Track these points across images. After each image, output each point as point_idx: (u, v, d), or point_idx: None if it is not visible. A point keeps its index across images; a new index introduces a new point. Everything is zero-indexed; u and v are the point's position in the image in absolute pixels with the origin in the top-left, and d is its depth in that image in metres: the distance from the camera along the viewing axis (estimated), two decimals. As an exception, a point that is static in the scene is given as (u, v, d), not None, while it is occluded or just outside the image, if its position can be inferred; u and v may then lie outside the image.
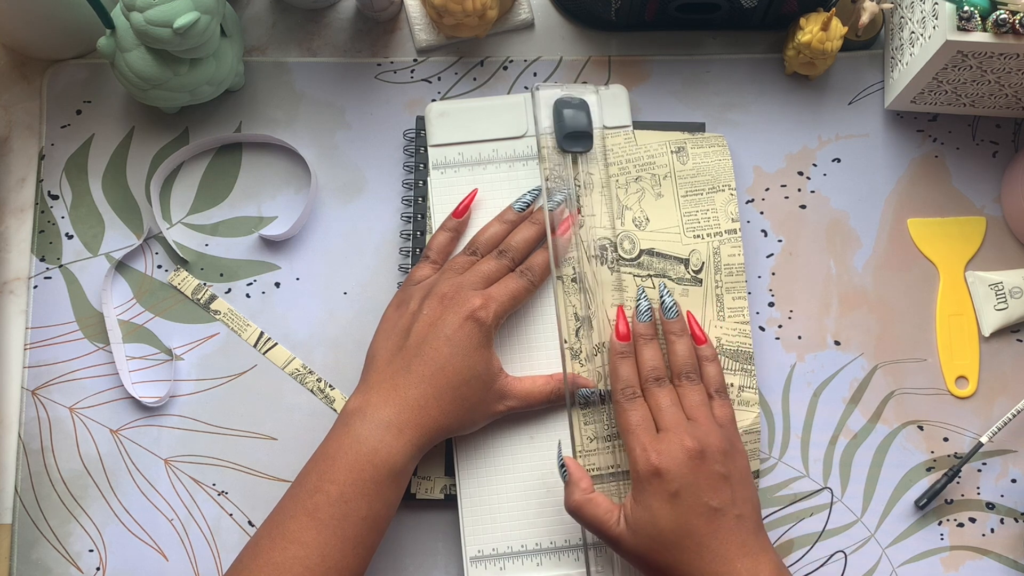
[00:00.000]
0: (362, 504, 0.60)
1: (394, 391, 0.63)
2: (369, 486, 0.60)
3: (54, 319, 0.73)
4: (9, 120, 0.77)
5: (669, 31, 0.78)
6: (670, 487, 0.60)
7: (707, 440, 0.62)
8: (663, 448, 0.62)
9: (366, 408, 0.62)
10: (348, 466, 0.60)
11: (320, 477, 0.61)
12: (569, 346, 0.70)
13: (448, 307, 0.64)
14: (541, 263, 0.69)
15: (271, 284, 0.74)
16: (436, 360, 0.63)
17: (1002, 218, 0.76)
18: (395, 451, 0.61)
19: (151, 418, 0.72)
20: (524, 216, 0.70)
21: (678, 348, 0.67)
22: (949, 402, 0.73)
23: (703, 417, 0.64)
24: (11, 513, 0.71)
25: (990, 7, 0.65)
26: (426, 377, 0.63)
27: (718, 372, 0.67)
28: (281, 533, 0.60)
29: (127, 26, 0.67)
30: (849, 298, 0.74)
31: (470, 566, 0.68)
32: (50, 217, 0.75)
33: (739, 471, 0.62)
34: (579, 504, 0.63)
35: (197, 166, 0.76)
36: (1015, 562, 0.71)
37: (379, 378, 0.64)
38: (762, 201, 0.76)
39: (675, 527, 0.60)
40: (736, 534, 0.60)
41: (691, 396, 0.65)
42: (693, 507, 0.60)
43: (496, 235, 0.69)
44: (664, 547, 0.60)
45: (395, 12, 0.78)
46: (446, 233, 0.70)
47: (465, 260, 0.68)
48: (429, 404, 0.63)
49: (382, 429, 0.61)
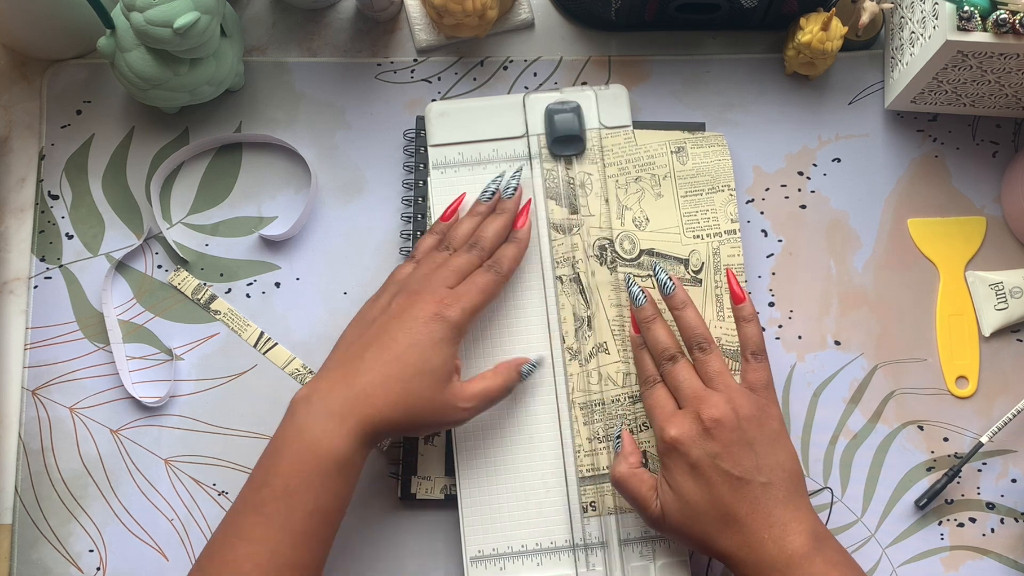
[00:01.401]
0: (308, 497, 0.58)
1: (343, 378, 0.61)
2: (314, 478, 0.58)
3: (54, 319, 0.73)
4: (9, 120, 0.77)
5: (669, 31, 0.78)
6: (688, 459, 0.60)
7: (725, 408, 0.61)
8: (677, 422, 0.61)
9: (312, 396, 0.60)
10: (291, 458, 0.59)
11: (266, 471, 0.59)
12: (568, 346, 0.70)
13: (415, 301, 0.63)
14: (509, 256, 0.68)
15: (271, 284, 0.74)
16: (391, 349, 0.61)
17: (1002, 218, 0.76)
18: (337, 440, 0.59)
19: (151, 418, 0.72)
20: (492, 206, 0.70)
21: (684, 321, 0.66)
22: (949, 402, 0.73)
23: (723, 384, 0.63)
24: (11, 513, 0.71)
25: (990, 7, 0.65)
26: (377, 365, 0.61)
27: (755, 332, 0.66)
28: (233, 531, 0.58)
29: (127, 26, 0.67)
30: (849, 298, 0.74)
31: (470, 566, 0.68)
32: (50, 217, 0.75)
33: (767, 436, 0.61)
34: (624, 477, 0.63)
35: (197, 166, 0.76)
36: (1015, 562, 0.71)
37: (332, 365, 0.63)
38: (762, 201, 0.76)
39: (700, 500, 0.60)
40: (763, 503, 0.59)
41: (708, 366, 0.64)
42: (714, 478, 0.59)
43: (469, 230, 0.69)
44: (694, 521, 0.60)
45: (395, 12, 0.78)
46: (433, 236, 0.69)
47: (439, 256, 0.67)
48: (375, 393, 0.60)
49: (324, 417, 0.59)
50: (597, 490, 0.68)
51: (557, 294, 0.71)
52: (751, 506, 0.59)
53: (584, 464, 0.68)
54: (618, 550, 0.68)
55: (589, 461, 0.69)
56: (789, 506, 0.59)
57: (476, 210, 0.70)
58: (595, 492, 0.68)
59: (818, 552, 0.59)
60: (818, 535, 0.59)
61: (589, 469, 0.68)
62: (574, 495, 0.68)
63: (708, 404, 0.61)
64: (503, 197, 0.70)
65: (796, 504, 0.60)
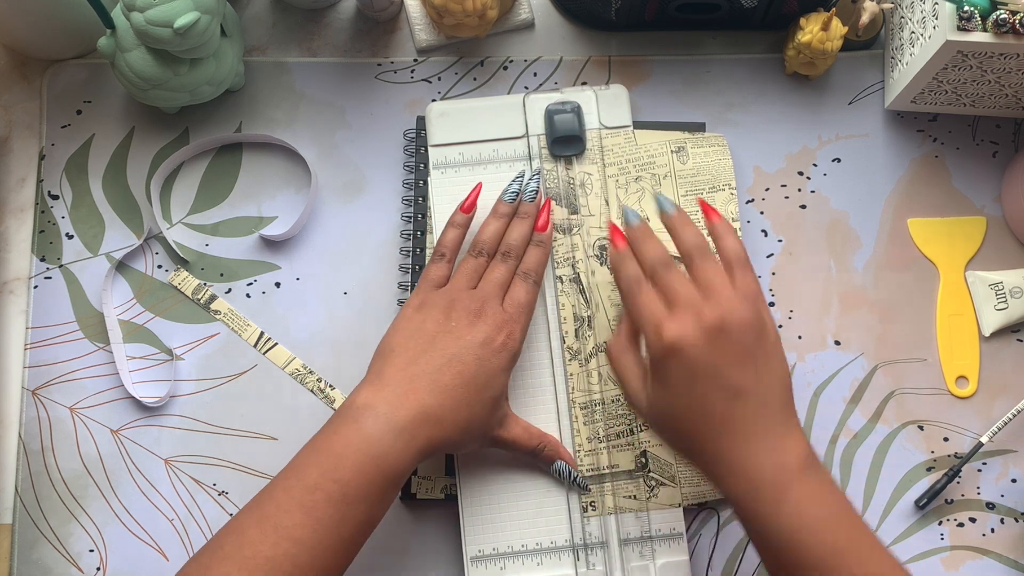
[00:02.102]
0: (362, 508, 0.58)
1: (412, 394, 0.61)
2: (373, 489, 0.58)
3: (54, 319, 0.73)
4: (9, 120, 0.77)
5: (669, 31, 0.78)
6: (687, 364, 0.56)
7: (728, 313, 0.57)
8: (677, 323, 0.57)
9: (378, 405, 0.60)
10: (355, 466, 0.58)
11: (322, 474, 0.58)
12: (568, 346, 0.70)
13: (476, 323, 0.64)
14: (539, 262, 0.69)
15: (271, 284, 0.74)
16: (463, 375, 0.62)
17: (1002, 218, 0.76)
18: (404, 458, 0.59)
19: (151, 418, 0.72)
20: (516, 206, 0.70)
21: (682, 235, 0.61)
22: (949, 402, 0.73)
23: (721, 288, 0.58)
24: (11, 513, 0.71)
25: (990, 7, 0.65)
26: (448, 388, 0.61)
27: (735, 244, 0.61)
28: (273, 527, 0.57)
29: (127, 26, 0.67)
30: (849, 298, 0.74)
31: (470, 566, 0.68)
32: (50, 217, 0.75)
33: (765, 348, 0.58)
34: (616, 354, 0.62)
35: (197, 166, 0.76)
36: (1015, 562, 0.71)
37: (398, 377, 0.62)
38: (762, 201, 0.76)
39: (695, 406, 0.57)
40: (760, 418, 0.56)
41: (704, 272, 0.59)
42: (712, 387, 0.56)
43: (497, 232, 0.69)
44: (684, 424, 0.58)
45: (395, 12, 0.78)
46: (455, 229, 0.69)
47: (475, 264, 0.67)
48: (445, 417, 0.61)
49: (393, 433, 0.59)
50: (599, 490, 0.68)
51: (557, 294, 0.71)
52: (745, 420, 0.56)
53: (584, 464, 0.68)
54: (618, 550, 0.68)
55: (590, 461, 0.69)
56: (783, 421, 0.57)
57: (499, 210, 0.70)
58: (597, 492, 0.68)
59: (813, 471, 0.57)
60: (811, 455, 0.57)
61: (590, 469, 0.68)
62: (574, 495, 0.68)
63: (708, 308, 0.57)
64: (525, 200, 0.70)
65: (789, 420, 0.58)
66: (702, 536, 0.71)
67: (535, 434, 0.67)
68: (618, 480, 0.68)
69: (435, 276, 0.67)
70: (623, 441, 0.69)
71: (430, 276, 0.67)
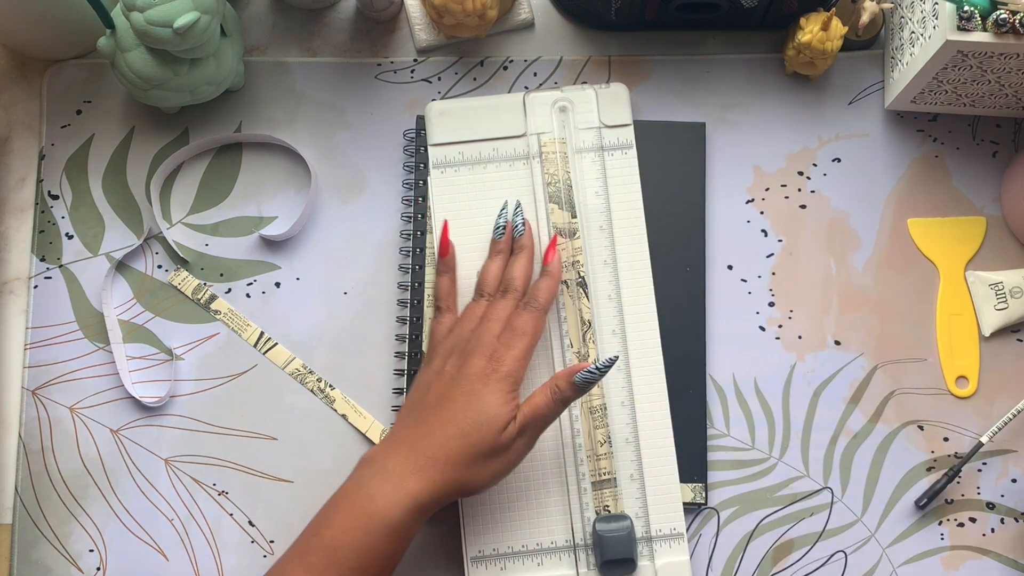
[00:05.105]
0: (351, 555, 0.58)
1: (406, 441, 0.61)
2: (359, 535, 0.58)
3: (54, 319, 0.73)
4: (9, 120, 0.77)
5: (669, 31, 0.78)
6: None
7: None
8: None
9: (376, 457, 0.61)
10: (344, 512, 0.59)
11: (319, 522, 0.60)
12: (576, 351, 0.70)
13: (467, 360, 0.63)
14: (544, 288, 0.67)
15: (271, 284, 0.74)
16: (449, 410, 0.62)
17: (1002, 218, 0.76)
18: (392, 503, 0.59)
19: (151, 418, 0.72)
20: (509, 242, 0.70)
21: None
22: (949, 402, 0.73)
23: None
24: (11, 513, 0.71)
25: (990, 7, 0.65)
26: (437, 427, 0.61)
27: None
28: (278, 571, 0.59)
29: (127, 26, 0.67)
30: (849, 298, 0.74)
31: (470, 566, 0.68)
32: (50, 217, 0.75)
33: None
34: None
35: (197, 166, 0.76)
36: (1015, 562, 0.71)
37: (396, 431, 0.63)
38: (762, 201, 0.76)
39: None
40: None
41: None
42: None
43: (498, 272, 0.69)
44: None
45: (395, 12, 0.78)
46: (443, 276, 0.70)
47: (475, 306, 0.67)
48: (437, 456, 0.60)
49: (381, 477, 0.60)
50: (611, 493, 0.68)
51: (561, 298, 0.71)
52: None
53: (593, 468, 0.68)
54: (618, 550, 0.68)
55: (600, 465, 0.69)
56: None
57: (497, 249, 0.70)
58: (610, 495, 0.68)
59: None
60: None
61: (605, 473, 0.68)
62: (575, 496, 0.68)
63: None
64: (515, 235, 0.70)
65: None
66: (702, 536, 0.71)
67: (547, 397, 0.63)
68: (614, 486, 0.68)
69: (441, 331, 0.68)
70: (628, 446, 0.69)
71: (436, 333, 0.68)
